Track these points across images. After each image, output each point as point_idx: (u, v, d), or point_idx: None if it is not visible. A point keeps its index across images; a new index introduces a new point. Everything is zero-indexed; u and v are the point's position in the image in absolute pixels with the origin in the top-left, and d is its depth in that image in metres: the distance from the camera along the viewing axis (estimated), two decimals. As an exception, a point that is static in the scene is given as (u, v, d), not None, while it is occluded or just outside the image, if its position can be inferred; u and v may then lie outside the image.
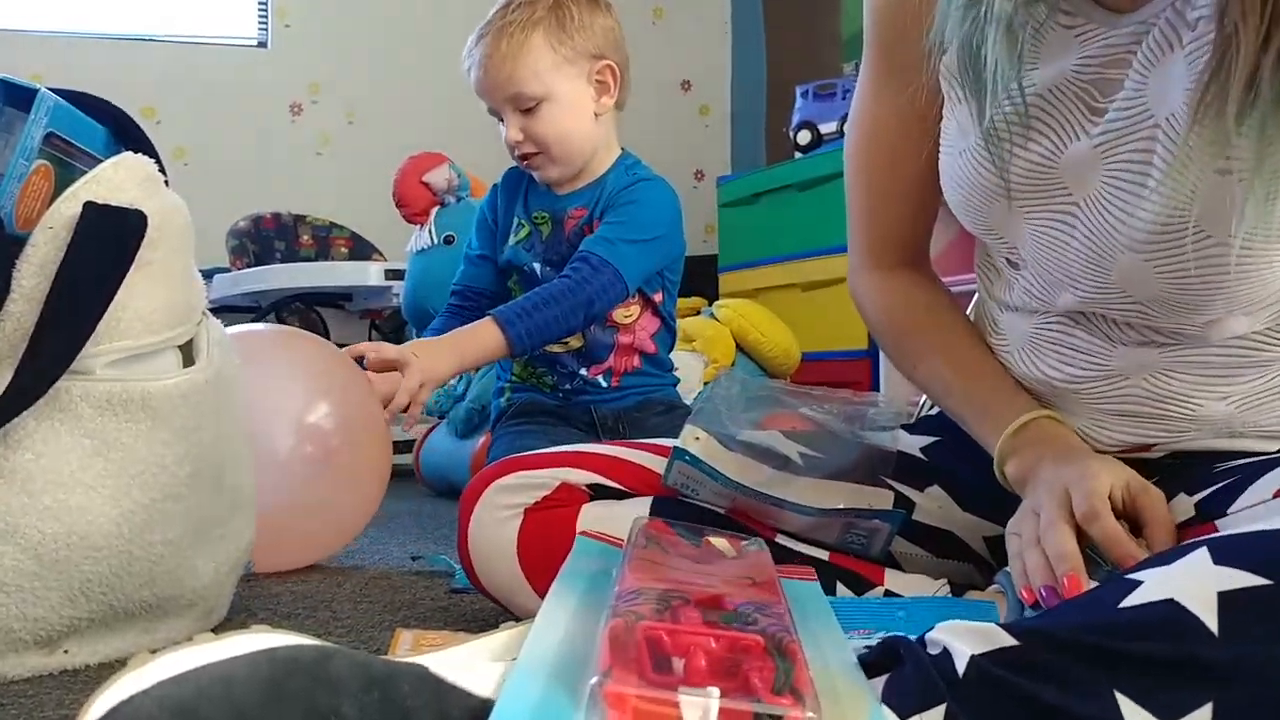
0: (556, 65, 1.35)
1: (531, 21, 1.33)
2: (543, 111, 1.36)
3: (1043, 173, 0.79)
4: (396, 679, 0.53)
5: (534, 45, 1.33)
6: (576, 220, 1.44)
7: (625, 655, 0.50)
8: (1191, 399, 0.81)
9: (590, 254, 1.37)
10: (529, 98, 1.35)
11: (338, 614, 1.19)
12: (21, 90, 0.96)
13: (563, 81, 1.36)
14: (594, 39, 1.37)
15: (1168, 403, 0.82)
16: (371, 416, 1.27)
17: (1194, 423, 0.82)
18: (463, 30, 1.59)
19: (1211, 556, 0.57)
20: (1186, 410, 0.82)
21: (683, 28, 4.31)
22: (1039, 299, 0.86)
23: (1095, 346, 0.83)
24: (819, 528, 0.92)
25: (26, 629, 0.93)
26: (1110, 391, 0.83)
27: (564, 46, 1.35)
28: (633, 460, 0.99)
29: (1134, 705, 0.52)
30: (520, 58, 1.33)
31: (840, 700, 0.53)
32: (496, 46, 1.34)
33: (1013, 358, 0.90)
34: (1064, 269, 0.81)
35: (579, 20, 1.35)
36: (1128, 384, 0.82)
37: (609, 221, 1.41)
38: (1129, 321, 0.80)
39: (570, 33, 1.35)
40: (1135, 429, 0.84)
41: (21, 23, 3.62)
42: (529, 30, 1.33)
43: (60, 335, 0.92)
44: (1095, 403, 0.85)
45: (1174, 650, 0.53)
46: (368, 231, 3.30)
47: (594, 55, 1.37)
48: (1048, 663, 0.54)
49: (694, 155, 4.27)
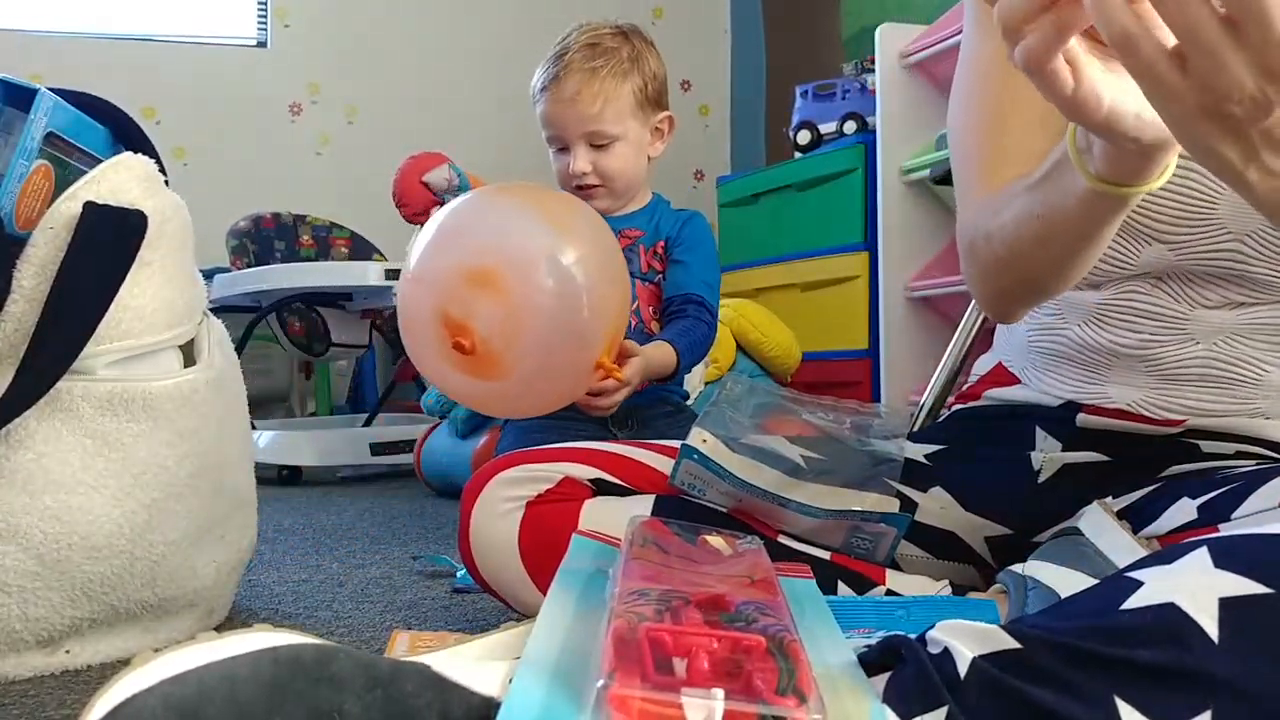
0: (634, 111, 1.48)
1: (623, 71, 1.47)
2: (615, 149, 1.48)
3: None
4: (399, 678, 0.53)
5: (624, 93, 1.46)
6: (631, 240, 1.53)
7: (628, 657, 0.50)
8: (1263, 363, 0.84)
9: (699, 298, 1.50)
10: (608, 135, 1.47)
11: (339, 614, 1.19)
12: (21, 90, 0.96)
13: (637, 126, 1.49)
14: (658, 90, 1.52)
15: (1237, 367, 0.84)
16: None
17: (1259, 388, 0.85)
18: (463, 30, 1.59)
19: (1212, 558, 0.57)
20: (1253, 374, 0.84)
21: (683, 28, 4.31)
22: (1112, 264, 0.85)
23: (1171, 310, 0.85)
24: (824, 530, 0.92)
25: (28, 629, 0.93)
26: (1179, 355, 0.86)
27: (643, 94, 1.49)
28: (636, 458, 0.99)
29: (1134, 711, 0.52)
30: (612, 101, 1.45)
31: (841, 700, 0.53)
32: (588, 85, 1.45)
33: (1070, 331, 0.91)
34: (1160, 215, 0.80)
35: (653, 71, 1.50)
36: (1198, 348, 0.85)
37: (692, 264, 1.52)
38: (1218, 275, 0.82)
39: (646, 83, 1.49)
40: (1197, 394, 0.86)
41: (21, 23, 3.62)
42: (621, 79, 1.46)
43: (61, 335, 0.92)
44: (1160, 368, 0.87)
45: (1175, 657, 0.53)
46: (368, 231, 3.30)
47: (660, 105, 1.52)
48: (1049, 666, 0.54)
49: (694, 155, 4.27)
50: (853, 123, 2.85)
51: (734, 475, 0.91)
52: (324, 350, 2.93)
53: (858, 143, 2.74)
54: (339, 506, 2.18)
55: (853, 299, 2.72)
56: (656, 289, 1.51)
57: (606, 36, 1.48)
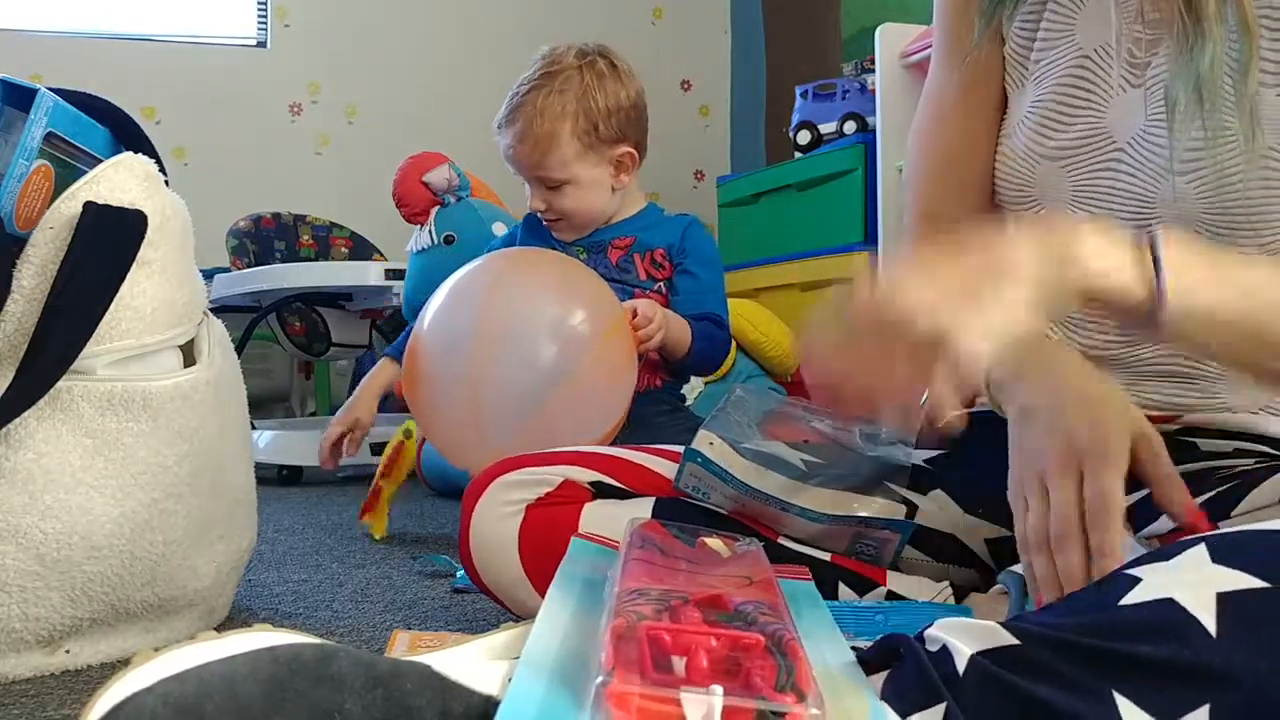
0: (580, 155, 1.45)
1: (562, 115, 1.43)
2: (566, 190, 1.47)
3: (1091, 127, 0.85)
4: (399, 677, 0.54)
5: (562, 140, 1.43)
6: (624, 249, 1.52)
7: (628, 655, 0.50)
8: None
9: (717, 316, 1.50)
10: (554, 180, 1.46)
11: (339, 614, 1.19)
12: (21, 90, 0.96)
13: (587, 169, 1.46)
14: (616, 125, 1.46)
15: (1197, 361, 0.85)
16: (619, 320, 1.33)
17: (1221, 382, 0.86)
18: (463, 30, 1.60)
19: (1210, 554, 0.57)
20: (1214, 368, 0.85)
21: (683, 28, 4.31)
22: None
23: None
24: (828, 535, 0.92)
25: (28, 629, 0.93)
26: (1140, 353, 0.87)
27: (589, 136, 1.45)
28: (637, 462, 0.99)
29: (1133, 706, 0.52)
30: (551, 151, 1.44)
31: (841, 698, 0.53)
32: (529, 130, 1.44)
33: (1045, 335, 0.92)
34: (1110, 215, 0.85)
35: (604, 107, 1.45)
36: (1160, 345, 0.86)
37: (703, 275, 1.52)
38: None
39: (596, 123, 1.44)
40: (1168, 391, 0.87)
41: (21, 23, 3.62)
42: (558, 124, 1.43)
43: (61, 335, 0.92)
44: (1126, 366, 0.88)
45: (1172, 652, 0.53)
46: (368, 231, 3.30)
47: (615, 141, 1.47)
48: (1047, 662, 0.54)
49: (694, 155, 4.27)
50: (853, 123, 2.85)
51: (738, 479, 0.91)
52: (324, 350, 2.93)
53: (858, 143, 2.74)
54: (339, 506, 2.18)
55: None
56: (658, 296, 1.50)
57: (558, 74, 1.44)
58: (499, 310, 1.25)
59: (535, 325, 1.24)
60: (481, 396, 1.21)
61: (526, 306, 1.26)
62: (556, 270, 1.35)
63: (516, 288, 1.28)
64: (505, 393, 1.21)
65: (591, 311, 1.27)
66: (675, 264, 1.52)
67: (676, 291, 1.51)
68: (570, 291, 1.30)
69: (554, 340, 1.23)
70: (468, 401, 1.22)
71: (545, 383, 1.20)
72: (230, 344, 1.15)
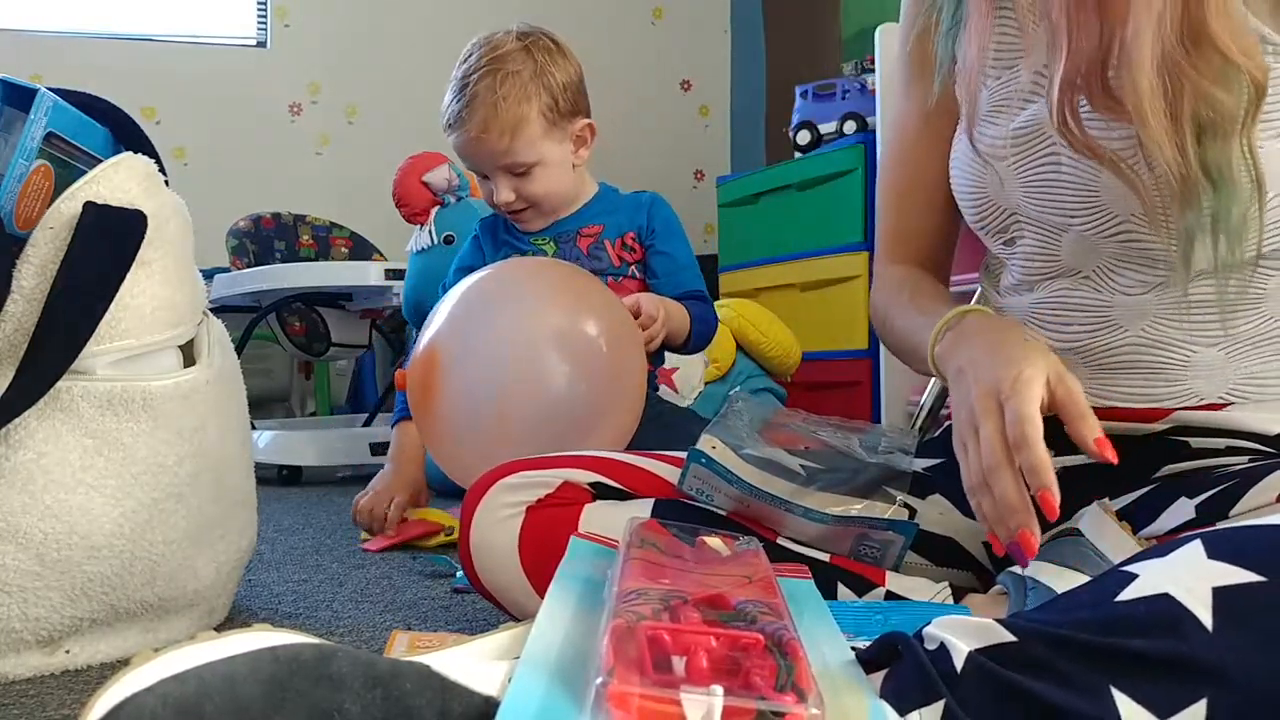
0: (547, 133, 1.43)
1: (524, 95, 1.41)
2: (535, 174, 1.44)
3: (1027, 121, 0.88)
4: (399, 677, 0.54)
5: (530, 120, 1.41)
6: (594, 237, 1.50)
7: (628, 655, 0.50)
8: (1188, 345, 0.86)
9: (699, 293, 1.49)
10: (523, 165, 1.43)
11: (339, 614, 1.19)
12: (21, 90, 0.96)
13: (553, 147, 1.44)
14: (572, 98, 1.45)
15: (1164, 350, 0.86)
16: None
17: (1188, 370, 0.86)
18: (463, 30, 1.59)
19: (1205, 550, 0.57)
20: (1180, 358, 0.86)
21: (683, 28, 4.31)
22: (1040, 261, 0.91)
23: (1095, 300, 0.88)
24: (832, 537, 0.92)
25: (28, 629, 0.93)
26: (1110, 344, 0.88)
27: (553, 113, 1.43)
28: (636, 464, 0.99)
29: (1130, 701, 0.53)
30: (520, 133, 1.41)
31: (841, 697, 0.54)
32: (494, 118, 1.40)
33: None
34: (1059, 206, 0.86)
35: (560, 83, 1.43)
36: (1126, 335, 0.87)
37: (676, 253, 1.50)
38: (1128, 258, 0.85)
39: (556, 98, 1.43)
40: (1136, 384, 0.88)
41: (21, 23, 3.62)
42: (524, 105, 1.40)
43: (61, 336, 0.92)
44: (1096, 359, 0.89)
45: (1169, 646, 0.53)
46: (368, 231, 3.30)
47: (575, 114, 1.46)
48: (1045, 659, 0.55)
49: (694, 155, 4.27)
50: (853, 123, 2.85)
51: (742, 480, 0.91)
52: (324, 350, 2.93)
53: (858, 143, 2.73)
54: (339, 506, 2.18)
55: (853, 299, 2.72)
56: (633, 281, 1.49)
57: (507, 57, 1.42)
58: (532, 330, 1.21)
59: (567, 347, 1.21)
60: (509, 422, 1.16)
61: (559, 326, 1.23)
62: (573, 285, 1.32)
63: (542, 305, 1.24)
64: (530, 415, 1.17)
65: (613, 325, 1.25)
66: (646, 245, 1.50)
67: (654, 274, 1.49)
68: (588, 305, 1.26)
69: (578, 361, 1.19)
70: (495, 425, 1.17)
71: (572, 406, 1.18)
72: (230, 344, 1.15)
